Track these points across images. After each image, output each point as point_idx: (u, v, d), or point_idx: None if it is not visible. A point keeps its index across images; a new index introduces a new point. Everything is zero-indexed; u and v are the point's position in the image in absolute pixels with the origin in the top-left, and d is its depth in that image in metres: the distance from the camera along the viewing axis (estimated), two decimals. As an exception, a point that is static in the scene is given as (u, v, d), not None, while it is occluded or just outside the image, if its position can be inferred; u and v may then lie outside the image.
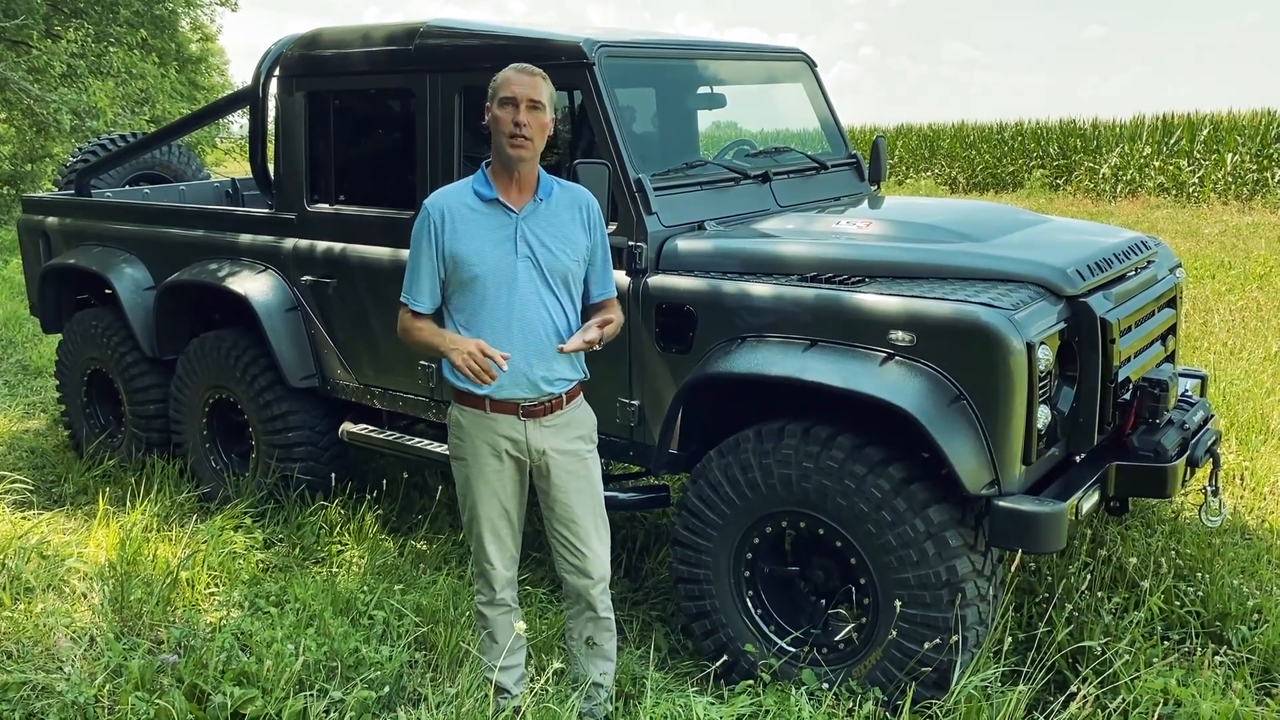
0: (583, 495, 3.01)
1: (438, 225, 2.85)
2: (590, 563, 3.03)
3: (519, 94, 2.76)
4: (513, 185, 2.85)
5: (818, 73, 4.89)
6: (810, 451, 3.21)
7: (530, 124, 2.76)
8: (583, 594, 3.07)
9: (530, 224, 2.85)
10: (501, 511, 3.00)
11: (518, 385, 2.88)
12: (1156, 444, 3.43)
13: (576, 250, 2.90)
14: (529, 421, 2.92)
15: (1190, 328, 7.81)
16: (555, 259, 2.86)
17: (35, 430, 6.54)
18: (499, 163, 2.85)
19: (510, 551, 3.07)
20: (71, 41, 14.81)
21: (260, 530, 4.58)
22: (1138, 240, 3.91)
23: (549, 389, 2.91)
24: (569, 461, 2.98)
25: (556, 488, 2.98)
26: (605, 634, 3.13)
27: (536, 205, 2.87)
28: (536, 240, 2.85)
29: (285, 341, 4.62)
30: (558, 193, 2.92)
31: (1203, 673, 3.29)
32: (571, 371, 2.96)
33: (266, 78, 4.77)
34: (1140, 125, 21.32)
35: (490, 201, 2.85)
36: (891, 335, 3.11)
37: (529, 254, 2.84)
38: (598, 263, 2.99)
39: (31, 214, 6.07)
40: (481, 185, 2.87)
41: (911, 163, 24.63)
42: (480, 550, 3.04)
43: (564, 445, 2.97)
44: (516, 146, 2.77)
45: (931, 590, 3.06)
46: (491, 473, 2.96)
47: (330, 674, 3.32)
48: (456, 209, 2.86)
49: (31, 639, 3.59)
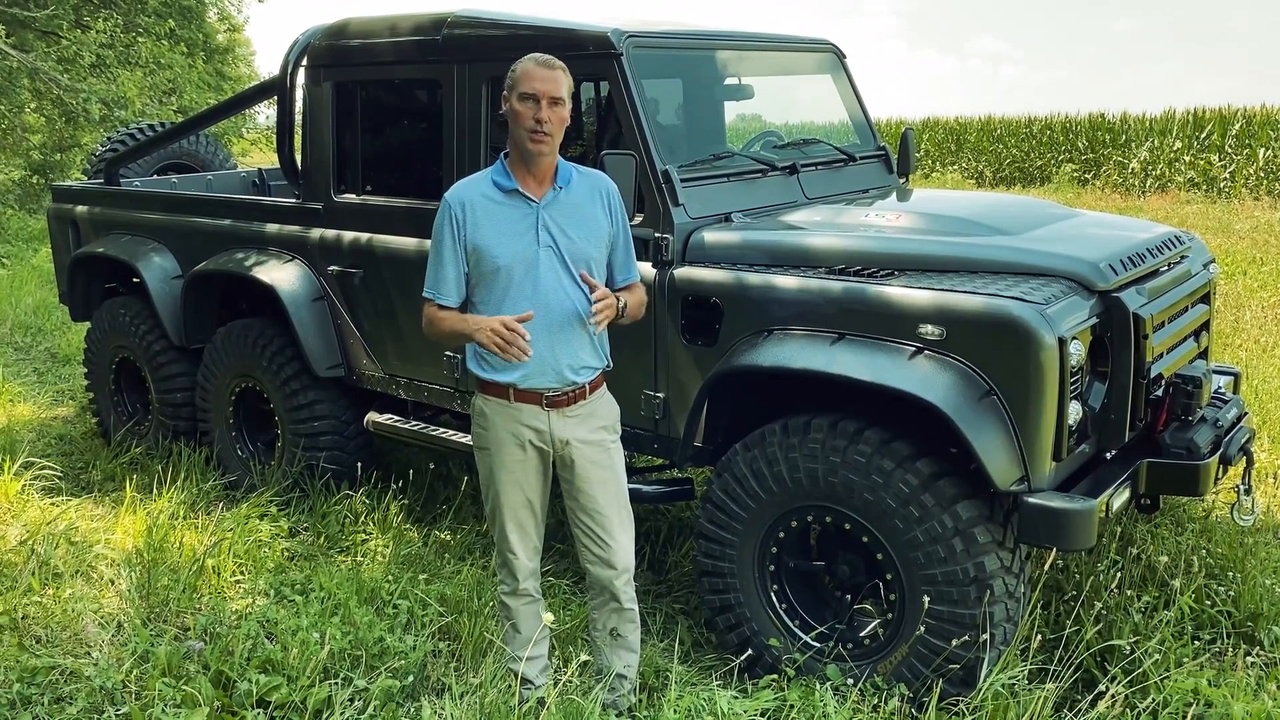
0: (606, 486, 3.00)
1: (459, 218, 2.85)
2: (614, 554, 3.03)
3: (540, 90, 2.75)
4: (531, 176, 2.85)
5: (847, 64, 4.85)
6: (837, 446, 3.18)
7: (551, 120, 2.76)
8: (606, 585, 3.06)
9: (551, 212, 2.85)
10: (525, 502, 3.00)
11: (543, 374, 2.87)
12: (1189, 441, 3.38)
13: (599, 236, 2.90)
14: (552, 412, 2.92)
15: (1222, 324, 7.71)
16: (577, 246, 2.86)
17: (64, 418, 6.60)
18: (517, 155, 2.84)
19: (533, 542, 3.07)
20: (101, 32, 14.88)
21: (285, 519, 4.61)
22: (1171, 235, 3.86)
23: (574, 377, 2.90)
24: (593, 452, 2.97)
25: (580, 478, 2.97)
26: (629, 625, 3.12)
27: (556, 193, 2.87)
28: (558, 228, 2.85)
29: (312, 331, 4.64)
30: (577, 180, 2.91)
31: (1234, 673, 3.25)
32: (595, 360, 2.96)
33: (294, 68, 4.78)
34: (1170, 119, 21.06)
35: (510, 192, 2.85)
36: (921, 329, 3.08)
37: (551, 242, 2.84)
38: (620, 248, 2.98)
39: (61, 203, 6.11)
40: (500, 176, 2.86)
41: (938, 156, 24.46)
42: (503, 540, 3.04)
43: (588, 435, 2.96)
44: (537, 143, 2.77)
45: (959, 587, 3.04)
46: (515, 463, 2.96)
47: (355, 663, 3.33)
48: (477, 201, 2.86)
49: (60, 624, 3.62)
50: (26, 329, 8.96)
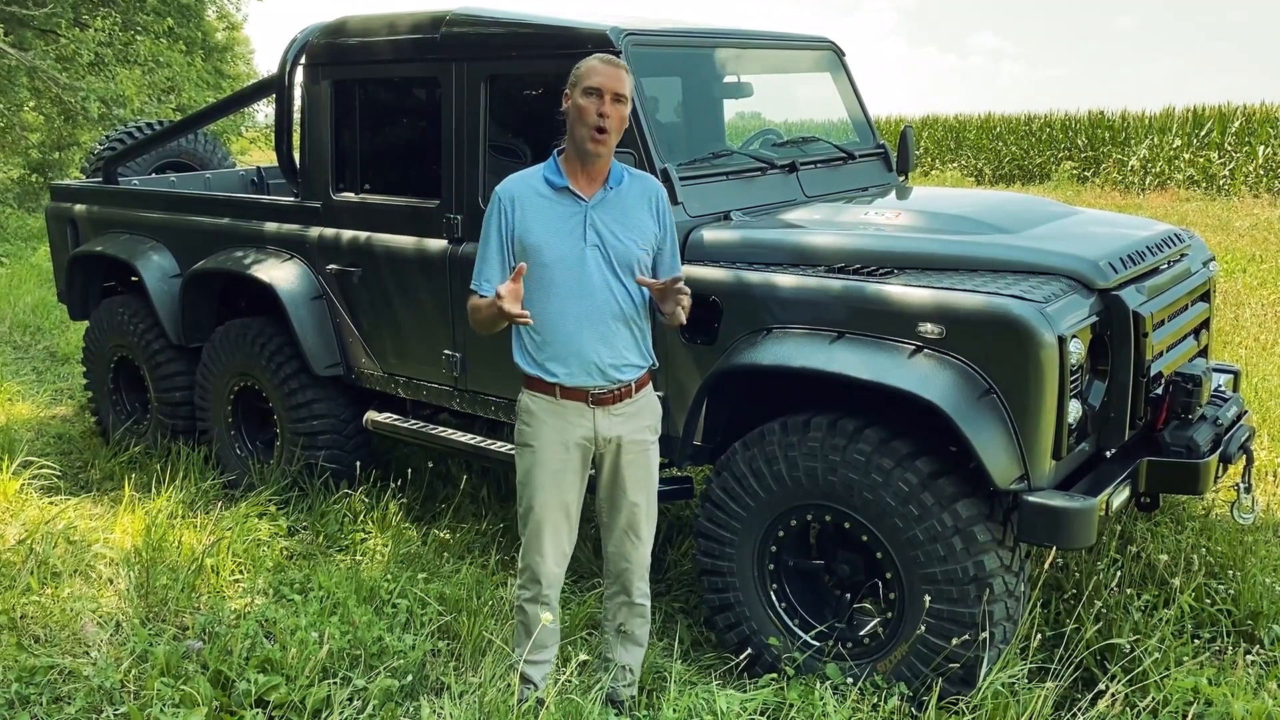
0: (640, 484, 3.03)
1: (508, 211, 2.87)
2: (637, 549, 3.07)
3: (605, 85, 2.76)
4: (584, 174, 2.86)
5: (846, 62, 4.84)
6: (837, 444, 3.18)
7: (612, 116, 2.77)
8: (622, 576, 3.10)
9: (599, 212, 2.86)
10: (561, 505, 2.98)
11: (587, 372, 2.88)
12: (1189, 440, 3.38)
13: (645, 239, 2.91)
14: (598, 409, 2.92)
15: (1221, 322, 7.71)
16: (624, 247, 2.86)
17: (62, 416, 6.59)
18: (573, 151, 2.85)
19: (563, 548, 3.04)
20: (99, 30, 14.87)
21: (284, 518, 4.60)
22: (1171, 233, 3.85)
23: (618, 376, 2.91)
24: (634, 451, 2.99)
25: (620, 475, 3.00)
26: (638, 620, 3.16)
27: (606, 194, 2.88)
28: (605, 229, 2.86)
29: (310, 330, 4.63)
30: (628, 181, 2.93)
31: (1234, 672, 3.25)
32: (640, 359, 2.97)
33: (292, 66, 4.77)
34: (1170, 117, 21.05)
35: (560, 189, 2.86)
36: (920, 327, 3.08)
37: (598, 242, 2.85)
38: (666, 252, 2.99)
39: (59, 201, 6.10)
40: (552, 173, 2.88)
41: (937, 154, 24.44)
42: (533, 542, 3.01)
43: (632, 435, 2.98)
44: (596, 141, 2.77)
45: (959, 585, 3.03)
46: (556, 462, 2.95)
47: (354, 662, 3.33)
48: (527, 196, 2.87)
49: (58, 623, 3.61)
50: (25, 328, 8.95)
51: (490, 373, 4.14)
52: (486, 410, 4.22)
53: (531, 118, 4.25)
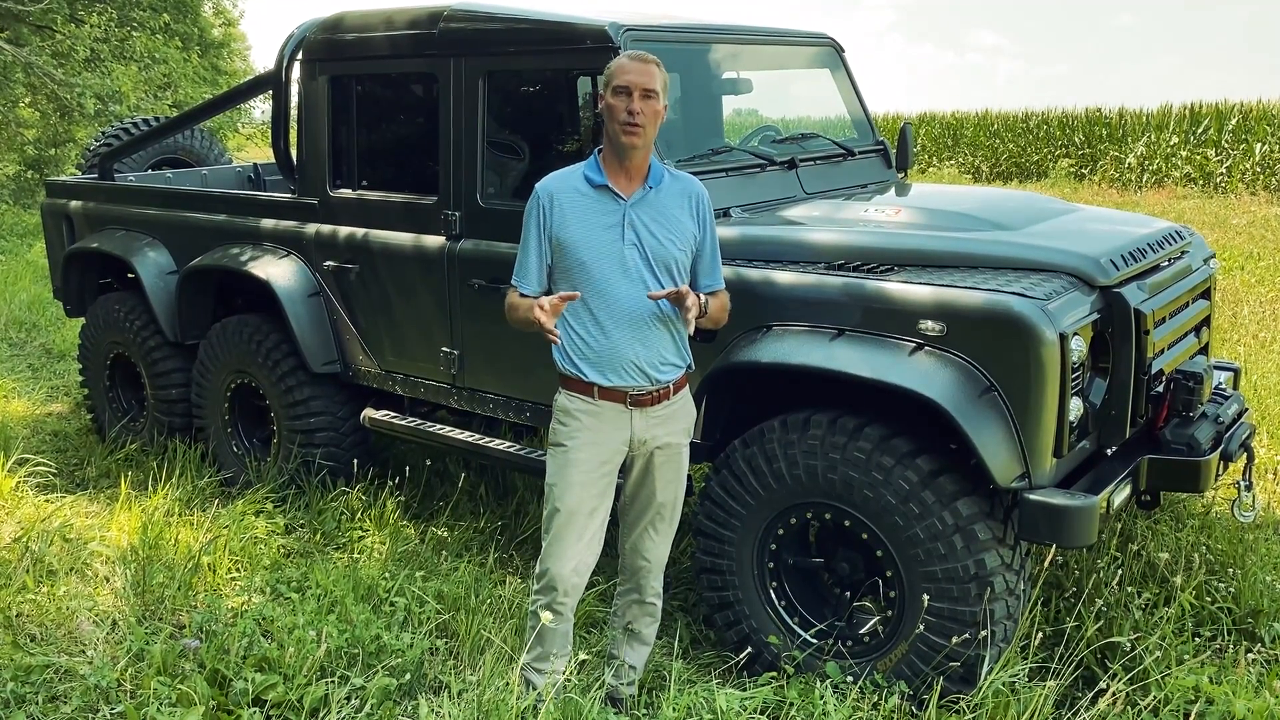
0: (670, 485, 3.03)
1: (546, 209, 2.86)
2: (655, 548, 3.08)
3: (633, 82, 2.76)
4: (623, 172, 2.86)
5: (845, 59, 4.83)
6: (837, 442, 3.17)
7: (644, 111, 2.77)
8: (638, 574, 3.10)
9: (638, 211, 2.85)
10: (589, 510, 2.93)
11: (625, 372, 2.87)
12: (1190, 437, 3.37)
13: (684, 239, 2.90)
14: (635, 411, 2.91)
15: (1220, 320, 7.70)
16: (662, 247, 2.85)
17: (58, 414, 6.57)
18: (611, 150, 2.85)
19: (586, 558, 2.97)
20: (95, 26, 14.85)
21: (281, 516, 4.58)
22: (1172, 230, 3.84)
23: (657, 375, 2.90)
24: (668, 454, 3.00)
25: (650, 474, 3.00)
26: (647, 619, 3.18)
27: (646, 193, 2.87)
28: (644, 228, 2.85)
29: (307, 327, 4.61)
30: (668, 181, 2.92)
31: (1235, 670, 3.24)
32: (678, 358, 2.96)
33: (289, 62, 4.75)
34: (1167, 114, 21.07)
35: (600, 188, 2.86)
36: (921, 325, 3.06)
37: (636, 241, 2.84)
38: (706, 254, 2.99)
39: (55, 198, 6.08)
40: (593, 171, 2.87)
41: (935, 151, 24.44)
42: (555, 547, 2.94)
43: (668, 438, 2.98)
44: (630, 134, 2.77)
45: (959, 584, 3.02)
46: (590, 464, 2.91)
47: (351, 661, 3.31)
48: (565, 194, 2.87)
49: (54, 622, 3.60)
50: (21, 324, 8.92)
51: (488, 370, 4.13)
52: (484, 407, 4.21)
53: (530, 113, 4.24)
